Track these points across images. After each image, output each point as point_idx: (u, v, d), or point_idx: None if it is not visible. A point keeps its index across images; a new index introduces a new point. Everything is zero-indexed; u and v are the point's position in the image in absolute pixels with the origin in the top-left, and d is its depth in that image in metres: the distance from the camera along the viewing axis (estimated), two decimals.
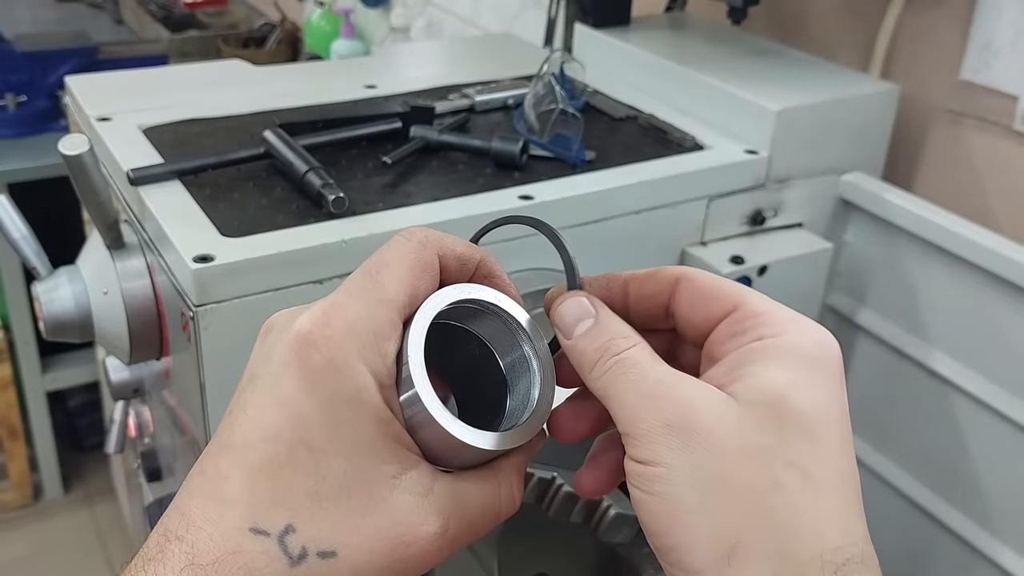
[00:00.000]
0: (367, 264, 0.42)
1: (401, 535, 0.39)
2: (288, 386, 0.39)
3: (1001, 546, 0.96)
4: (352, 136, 0.95)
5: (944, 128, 1.06)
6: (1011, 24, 0.96)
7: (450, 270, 0.43)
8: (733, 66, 1.06)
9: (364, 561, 0.38)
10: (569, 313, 0.43)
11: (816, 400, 0.38)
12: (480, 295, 0.44)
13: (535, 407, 0.44)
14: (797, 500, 0.36)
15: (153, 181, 0.84)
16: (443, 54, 1.35)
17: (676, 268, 0.43)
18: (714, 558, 0.36)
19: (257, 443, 0.39)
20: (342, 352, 0.39)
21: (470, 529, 0.41)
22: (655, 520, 0.37)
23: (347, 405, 0.39)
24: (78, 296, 0.86)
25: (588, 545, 0.74)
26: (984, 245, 0.91)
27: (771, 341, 0.39)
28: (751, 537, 0.36)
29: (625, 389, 0.39)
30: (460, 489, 0.42)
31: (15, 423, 2.25)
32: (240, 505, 0.38)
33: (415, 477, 0.40)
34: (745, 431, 0.37)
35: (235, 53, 2.27)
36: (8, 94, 2.13)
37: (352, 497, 0.39)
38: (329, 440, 0.39)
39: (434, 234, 0.43)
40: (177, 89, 1.07)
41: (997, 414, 0.93)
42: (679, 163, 0.95)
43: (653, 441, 0.37)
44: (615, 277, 0.45)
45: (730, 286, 0.41)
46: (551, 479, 0.66)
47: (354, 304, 0.40)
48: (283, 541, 0.38)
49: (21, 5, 2.90)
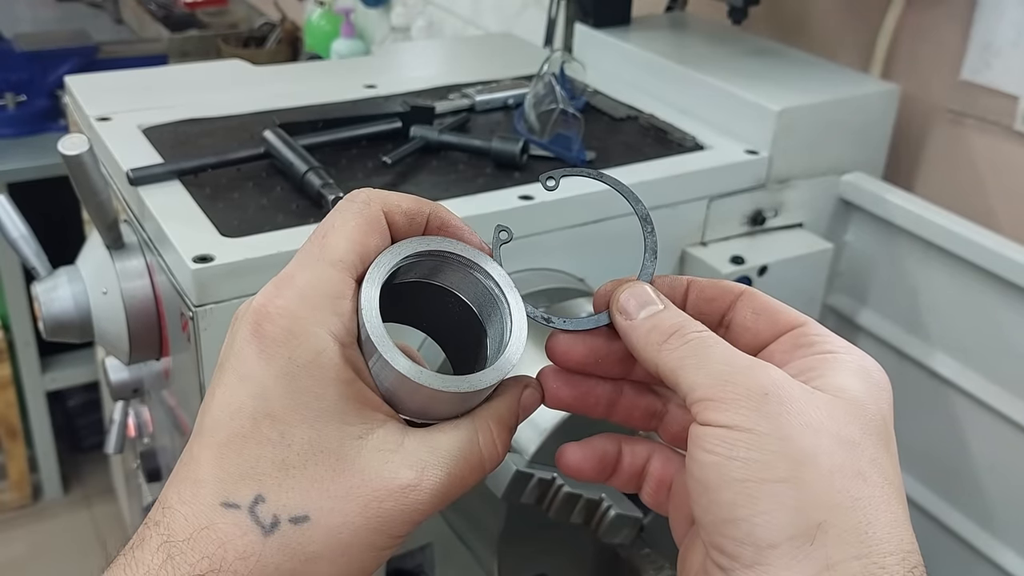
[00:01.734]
0: (314, 231, 0.43)
1: (373, 491, 0.39)
2: (248, 361, 0.40)
3: (1002, 547, 0.96)
4: (352, 136, 0.95)
5: (945, 128, 1.06)
6: (1012, 24, 0.96)
7: (398, 226, 0.44)
8: (733, 66, 1.06)
9: (339, 522, 0.39)
10: (637, 297, 0.43)
11: (886, 415, 0.39)
12: (438, 246, 0.44)
13: (505, 349, 0.44)
14: (879, 494, 0.36)
15: (153, 181, 0.84)
16: (443, 54, 1.35)
17: (739, 283, 0.44)
18: (794, 533, 0.35)
19: (223, 421, 0.40)
20: (296, 319, 0.40)
21: (450, 480, 0.41)
22: (732, 488, 0.36)
23: (306, 371, 0.39)
24: (78, 296, 0.86)
25: (588, 545, 0.74)
26: (985, 245, 0.91)
27: (843, 356, 0.40)
28: (837, 519, 0.35)
29: (710, 358, 0.39)
30: (434, 440, 0.41)
31: (15, 423, 2.24)
32: (210, 483, 0.39)
33: (383, 434, 0.40)
34: (835, 420, 0.37)
35: (235, 53, 2.27)
36: (8, 94, 2.13)
37: (320, 462, 0.39)
38: (292, 409, 0.39)
39: (377, 192, 0.43)
40: (177, 89, 1.07)
41: (997, 414, 0.93)
42: (679, 163, 0.95)
43: (745, 406, 0.37)
44: (678, 279, 0.45)
45: (792, 309, 0.43)
46: (551, 479, 0.66)
47: (303, 271, 0.41)
48: (254, 512, 0.38)
49: (21, 4, 2.89)
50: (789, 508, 0.35)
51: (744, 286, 0.44)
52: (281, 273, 0.42)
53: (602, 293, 0.45)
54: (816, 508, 0.35)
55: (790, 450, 0.36)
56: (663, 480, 0.46)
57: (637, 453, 0.46)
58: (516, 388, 0.46)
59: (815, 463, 0.36)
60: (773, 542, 0.35)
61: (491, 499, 0.67)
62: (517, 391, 0.45)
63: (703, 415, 0.37)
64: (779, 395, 0.37)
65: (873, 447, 0.37)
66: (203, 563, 0.37)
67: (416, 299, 0.47)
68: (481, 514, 0.73)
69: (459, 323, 0.47)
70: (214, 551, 0.38)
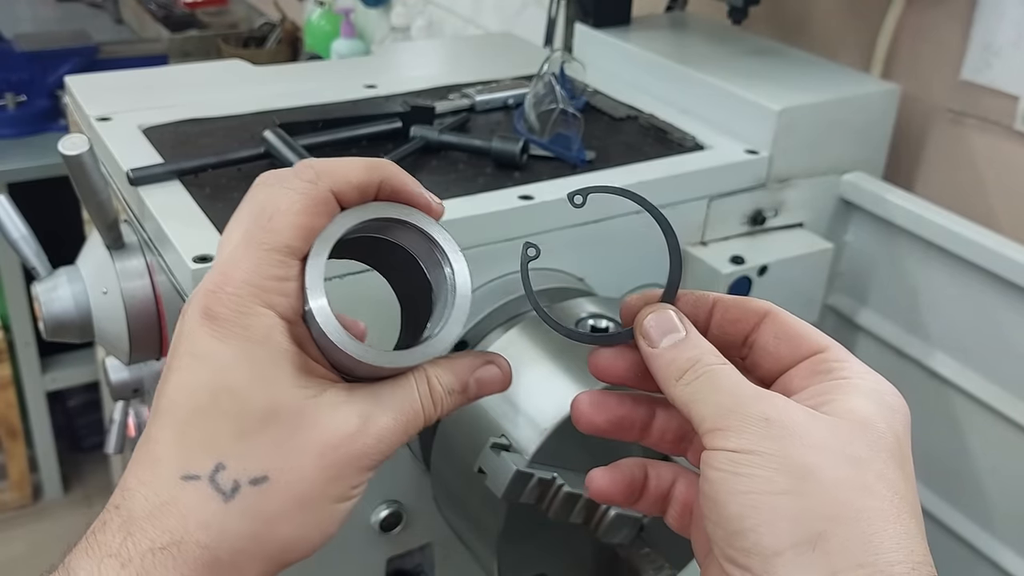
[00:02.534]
0: (260, 211, 0.44)
1: (326, 440, 0.41)
2: (202, 342, 0.41)
3: (1002, 547, 0.96)
4: (352, 136, 0.95)
5: (945, 128, 1.06)
6: (1012, 24, 0.96)
7: (349, 200, 0.44)
8: (734, 66, 1.06)
9: (296, 477, 0.41)
10: (660, 324, 0.44)
11: (897, 435, 0.40)
12: (384, 213, 0.45)
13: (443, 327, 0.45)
14: (887, 507, 0.37)
15: (153, 181, 0.84)
16: (443, 54, 1.35)
17: (764, 303, 0.45)
18: (795, 541, 0.36)
19: (181, 400, 0.41)
20: (245, 302, 0.41)
21: (394, 425, 0.44)
22: (737, 500, 0.38)
23: (259, 346, 0.41)
24: (78, 296, 0.86)
25: (588, 545, 0.74)
26: (985, 245, 0.91)
27: (856, 381, 0.41)
28: (839, 529, 0.36)
29: (719, 391, 0.41)
30: (377, 391, 0.44)
31: (15, 423, 2.25)
32: (170, 460, 0.40)
33: (334, 391, 0.43)
34: (839, 439, 0.38)
35: (235, 53, 2.27)
36: (8, 94, 2.13)
37: (279, 423, 0.41)
38: (250, 381, 0.41)
39: (327, 167, 0.44)
40: (177, 89, 1.07)
41: (997, 414, 0.93)
42: (679, 163, 0.94)
43: (749, 431, 0.39)
44: (703, 297, 0.46)
45: (816, 332, 0.44)
46: (551, 479, 0.66)
47: (248, 257, 0.42)
48: (214, 480, 0.39)
49: (21, 4, 2.89)
50: (790, 517, 0.37)
51: (768, 306, 0.45)
52: (226, 258, 0.43)
53: (628, 307, 0.46)
54: (817, 517, 0.36)
55: (792, 466, 0.37)
56: (687, 504, 0.47)
57: (663, 477, 0.48)
58: (474, 358, 0.48)
59: (817, 477, 0.37)
60: (777, 550, 0.36)
61: (491, 499, 0.67)
62: (474, 361, 0.48)
63: (711, 443, 0.40)
64: (781, 420, 0.39)
65: (882, 464, 0.38)
66: (164, 537, 0.38)
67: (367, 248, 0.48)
68: (481, 514, 0.73)
69: (409, 276, 0.49)
70: (175, 524, 0.38)
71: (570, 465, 0.69)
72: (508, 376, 0.49)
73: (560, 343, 0.73)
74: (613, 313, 0.76)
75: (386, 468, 0.91)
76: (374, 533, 0.86)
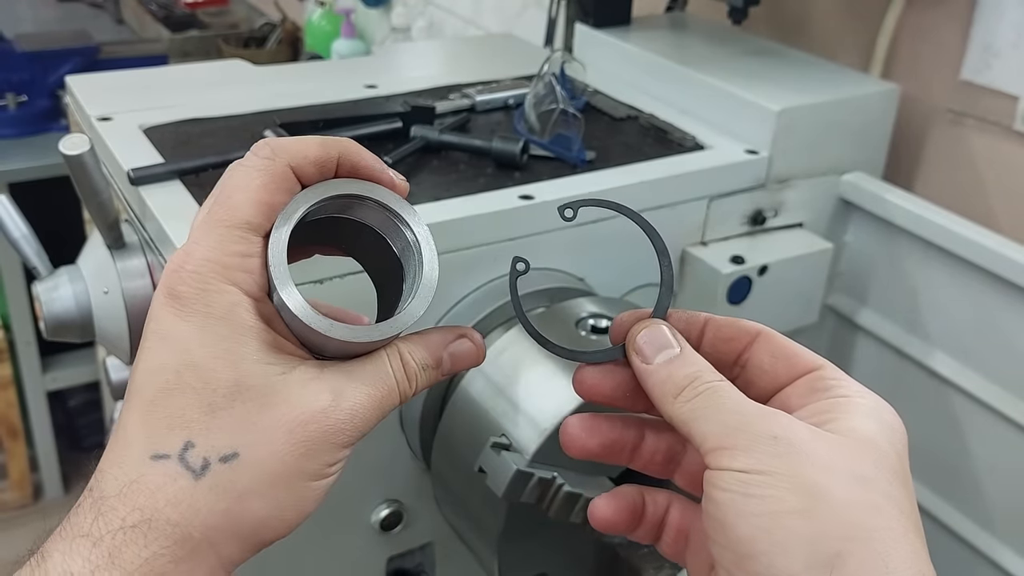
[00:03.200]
0: (219, 191, 0.44)
1: (297, 416, 0.41)
2: (166, 321, 0.41)
3: (1001, 546, 0.96)
4: (352, 136, 0.95)
5: (945, 128, 1.06)
6: (1012, 25, 0.96)
7: (309, 176, 0.44)
8: (733, 66, 1.06)
9: (266, 453, 0.40)
10: (654, 340, 0.43)
11: (899, 454, 0.40)
12: (349, 189, 0.45)
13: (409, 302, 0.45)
14: (896, 526, 0.37)
15: (154, 181, 0.84)
16: (444, 54, 1.35)
17: (755, 323, 0.45)
18: (811, 563, 0.36)
19: (147, 381, 0.41)
20: (206, 280, 0.41)
21: (368, 401, 0.43)
22: (748, 522, 0.37)
23: (223, 322, 0.41)
24: (79, 296, 0.86)
25: (588, 545, 0.74)
26: (985, 245, 0.91)
27: (856, 400, 0.41)
28: (855, 549, 0.36)
29: (722, 409, 0.40)
30: (349, 367, 0.44)
31: (15, 423, 2.25)
32: (139, 439, 0.40)
33: (304, 368, 0.42)
34: (846, 458, 0.38)
35: (236, 53, 2.27)
36: (9, 94, 2.13)
37: (247, 399, 0.40)
38: (214, 356, 0.41)
39: (282, 144, 0.44)
40: (178, 89, 1.07)
41: (997, 414, 0.93)
42: (679, 163, 0.95)
43: (758, 450, 0.38)
44: (695, 316, 0.45)
45: (810, 352, 0.43)
46: (551, 479, 0.66)
47: (209, 235, 0.42)
48: (184, 458, 0.39)
49: (22, 5, 2.90)
50: (805, 539, 0.36)
51: (760, 327, 0.44)
52: (188, 240, 0.43)
53: (619, 324, 0.45)
54: (832, 539, 0.36)
55: (803, 485, 0.37)
56: (681, 530, 0.47)
57: (658, 503, 0.47)
58: (446, 333, 0.48)
59: (829, 496, 0.37)
60: (793, 573, 0.36)
61: (491, 499, 0.67)
62: (446, 335, 0.47)
63: (717, 462, 0.39)
64: (789, 438, 0.38)
65: (887, 483, 0.38)
66: (134, 514, 0.38)
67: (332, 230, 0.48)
68: (481, 514, 0.73)
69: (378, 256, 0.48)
70: (144, 502, 0.39)
71: (570, 465, 0.69)
72: (482, 350, 0.49)
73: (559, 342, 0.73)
74: (613, 313, 0.76)
75: (386, 468, 0.91)
76: (374, 533, 0.86)
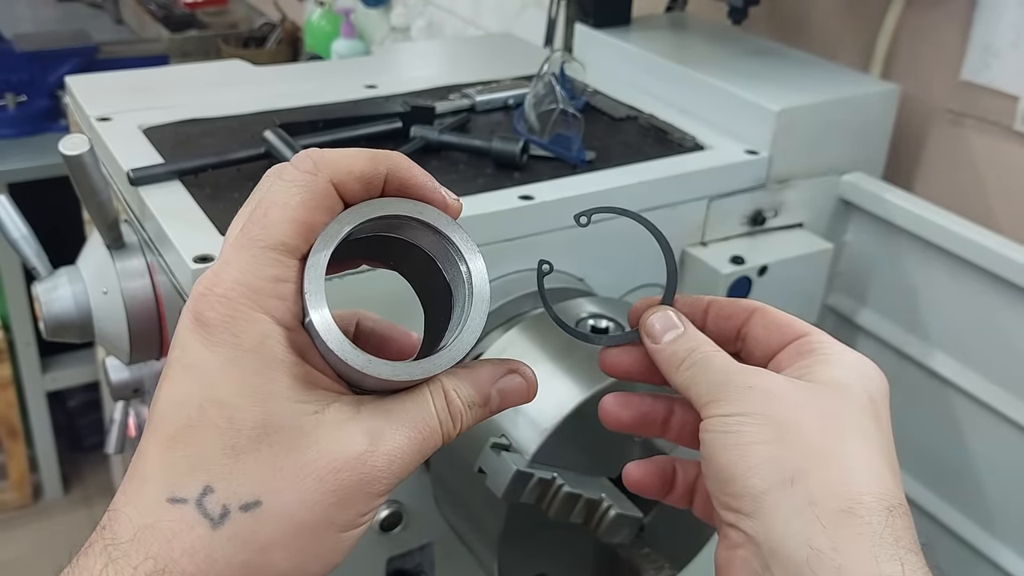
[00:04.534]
0: (254, 207, 0.40)
1: (329, 462, 0.38)
2: (191, 350, 0.39)
3: (1002, 547, 0.96)
4: (352, 136, 0.95)
5: (944, 128, 1.06)
6: (1012, 25, 0.96)
7: (352, 193, 0.41)
8: (733, 66, 1.06)
9: (293, 501, 0.37)
10: (660, 323, 0.48)
11: (872, 397, 0.44)
12: (392, 210, 0.41)
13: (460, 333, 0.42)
14: (862, 450, 0.41)
15: (153, 181, 0.84)
16: (443, 54, 1.35)
17: (752, 301, 0.49)
18: (778, 480, 0.40)
19: (169, 414, 0.38)
20: (236, 305, 0.38)
21: (408, 445, 0.40)
22: (727, 452, 0.42)
23: (252, 355, 0.38)
24: (78, 296, 0.86)
25: (588, 545, 0.74)
26: (985, 245, 0.91)
27: (836, 356, 0.45)
28: (816, 466, 0.40)
29: (712, 371, 0.45)
30: (388, 405, 0.40)
31: (15, 423, 2.25)
32: (156, 478, 0.37)
33: (338, 407, 0.39)
34: (817, 399, 0.43)
35: (235, 53, 2.27)
36: (8, 94, 2.13)
37: (274, 443, 0.37)
38: (239, 393, 0.37)
39: (326, 157, 0.40)
40: (177, 89, 1.07)
41: (997, 414, 0.93)
42: (679, 163, 0.95)
43: (737, 399, 0.43)
44: (699, 299, 0.50)
45: (801, 321, 0.48)
46: (551, 479, 0.66)
47: (242, 256, 0.39)
48: (201, 504, 0.36)
49: (21, 4, 2.90)
50: (772, 460, 0.41)
51: (757, 304, 0.49)
52: (220, 257, 0.40)
53: (635, 310, 0.50)
54: (795, 458, 0.41)
55: (773, 419, 0.42)
56: None
57: (688, 470, 0.51)
58: (495, 367, 0.45)
59: (796, 426, 0.42)
60: (763, 488, 0.40)
61: (491, 499, 0.67)
62: (495, 370, 0.45)
63: (706, 413, 0.44)
64: (764, 387, 0.43)
65: (857, 418, 0.42)
66: (147, 564, 0.35)
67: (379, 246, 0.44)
68: (481, 514, 0.73)
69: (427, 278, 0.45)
70: (159, 550, 0.36)
71: (570, 465, 0.69)
72: (534, 386, 0.46)
73: (560, 344, 0.73)
74: (613, 313, 0.76)
75: None
76: (374, 533, 0.86)
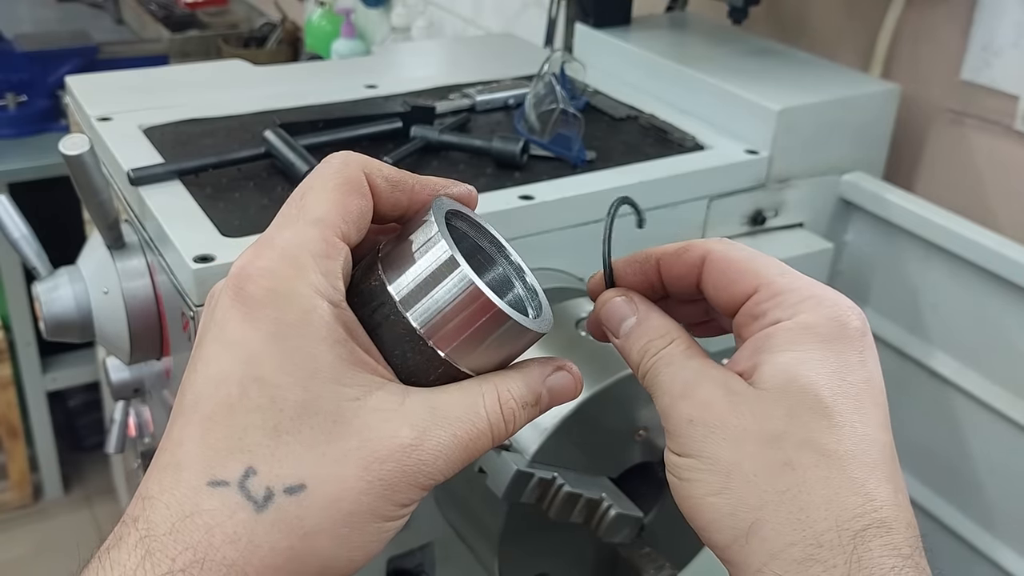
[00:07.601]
0: (292, 195, 0.41)
1: (373, 451, 0.36)
2: (232, 326, 0.37)
3: (1001, 546, 0.96)
4: (353, 136, 0.95)
5: (945, 128, 1.06)
6: (1012, 24, 0.96)
7: (380, 191, 0.41)
8: (734, 66, 1.06)
9: (337, 488, 0.36)
10: (614, 315, 0.46)
11: (828, 377, 0.40)
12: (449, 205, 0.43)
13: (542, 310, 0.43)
14: (811, 475, 0.38)
15: (153, 181, 0.84)
16: (444, 54, 1.35)
17: (702, 245, 0.44)
18: (736, 535, 0.39)
19: (207, 393, 0.37)
20: (280, 278, 0.37)
21: (455, 442, 0.38)
22: (686, 503, 0.41)
23: (295, 330, 0.37)
24: (78, 296, 0.86)
25: (588, 545, 0.74)
26: (985, 245, 0.91)
27: (785, 324, 0.41)
28: (767, 514, 0.38)
29: (661, 390, 0.43)
30: (435, 399, 0.39)
31: (15, 423, 2.25)
32: (194, 463, 0.36)
33: (382, 395, 0.38)
34: (758, 419, 0.39)
35: (235, 53, 2.27)
36: (8, 94, 2.13)
37: (315, 425, 0.36)
38: (282, 370, 0.36)
39: (355, 155, 0.42)
40: (177, 89, 1.07)
41: (997, 414, 0.93)
42: (679, 163, 0.95)
43: (681, 436, 0.41)
44: (647, 258, 0.46)
45: (751, 263, 0.43)
46: (551, 479, 0.66)
47: (283, 231, 0.39)
48: (244, 486, 0.35)
49: (22, 5, 2.89)
50: (726, 515, 0.39)
51: (704, 250, 0.44)
52: (260, 237, 0.40)
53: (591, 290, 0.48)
54: (747, 510, 0.39)
55: (717, 464, 0.40)
56: None
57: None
58: (544, 364, 0.43)
59: (739, 471, 0.39)
60: (726, 544, 0.39)
61: (491, 499, 0.67)
62: (544, 367, 0.43)
63: (665, 440, 0.42)
64: (703, 419, 0.40)
65: (802, 429, 0.39)
66: (185, 555, 0.34)
67: None
68: (481, 514, 0.73)
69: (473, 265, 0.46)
70: (199, 539, 0.34)
71: (570, 465, 0.69)
72: (580, 383, 0.44)
73: (560, 343, 0.73)
74: None
75: None
76: None
